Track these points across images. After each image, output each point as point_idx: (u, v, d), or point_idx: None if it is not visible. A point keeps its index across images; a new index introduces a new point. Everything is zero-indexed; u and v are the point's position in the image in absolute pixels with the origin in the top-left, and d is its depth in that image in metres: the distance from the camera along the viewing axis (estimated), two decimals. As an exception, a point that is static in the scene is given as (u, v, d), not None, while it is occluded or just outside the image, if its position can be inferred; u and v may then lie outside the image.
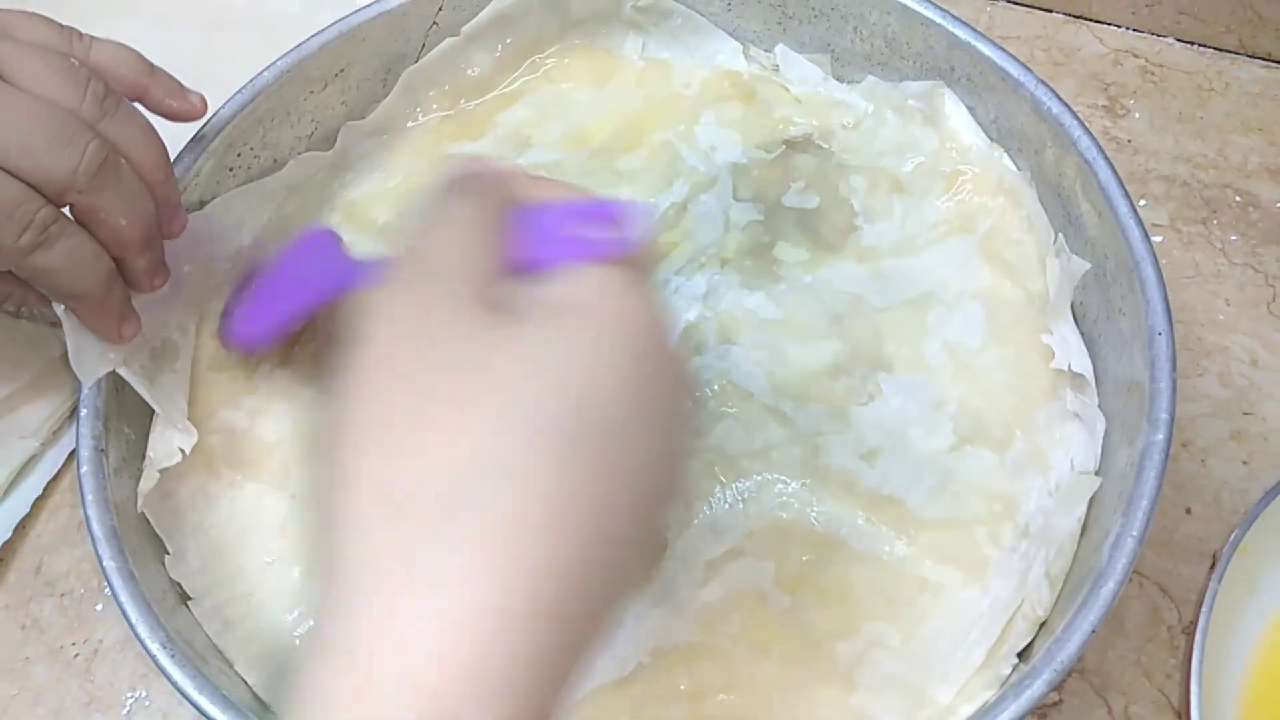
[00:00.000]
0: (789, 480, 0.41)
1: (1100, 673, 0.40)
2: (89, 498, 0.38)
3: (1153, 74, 0.55)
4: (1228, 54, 0.55)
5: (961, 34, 0.45)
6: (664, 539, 0.39)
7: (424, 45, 0.50)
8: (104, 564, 0.37)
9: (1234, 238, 0.50)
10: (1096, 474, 0.39)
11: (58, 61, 0.35)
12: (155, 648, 0.35)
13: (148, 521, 0.40)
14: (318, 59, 0.48)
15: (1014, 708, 0.32)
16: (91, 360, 0.39)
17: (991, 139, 0.46)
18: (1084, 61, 0.56)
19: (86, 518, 0.38)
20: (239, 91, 0.46)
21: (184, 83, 0.40)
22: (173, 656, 0.35)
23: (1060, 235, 0.43)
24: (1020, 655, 0.37)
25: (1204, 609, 0.38)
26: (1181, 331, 0.36)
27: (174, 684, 0.35)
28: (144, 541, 0.39)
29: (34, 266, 0.35)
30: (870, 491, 0.40)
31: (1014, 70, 0.44)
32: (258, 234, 0.47)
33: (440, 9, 0.50)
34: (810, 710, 0.36)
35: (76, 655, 0.44)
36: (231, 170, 0.47)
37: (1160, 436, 0.35)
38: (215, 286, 0.46)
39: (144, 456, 0.41)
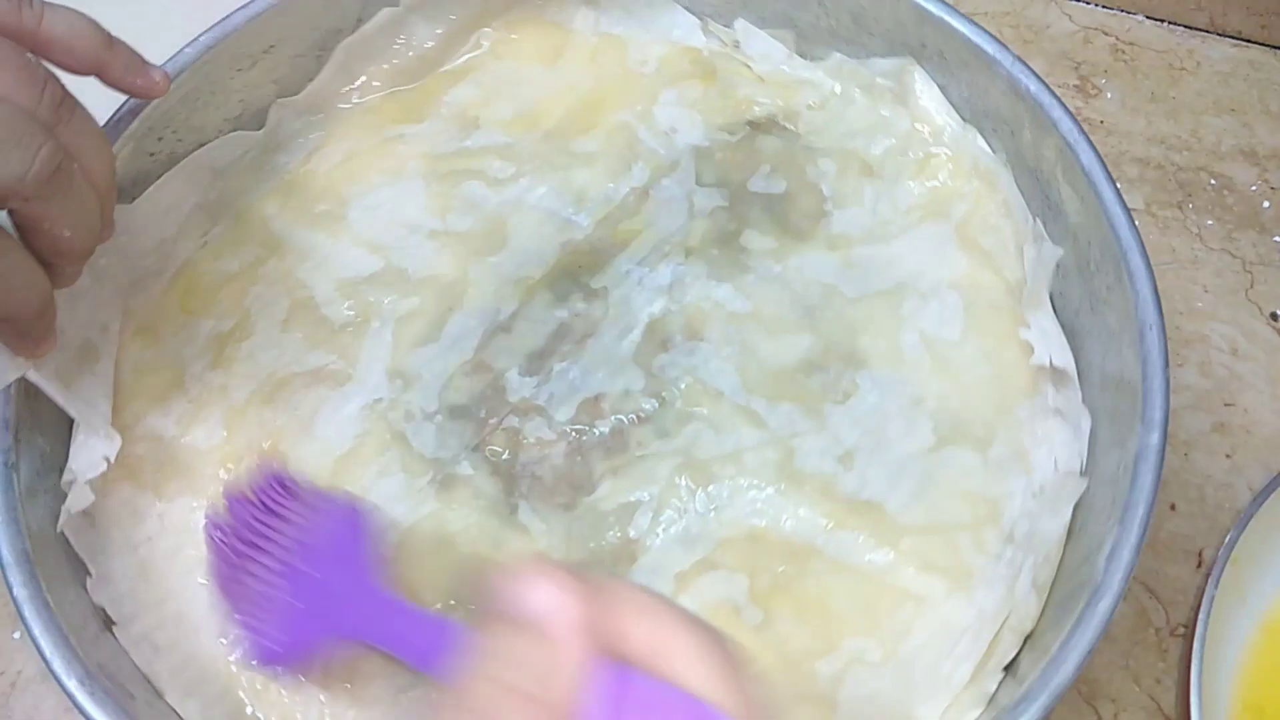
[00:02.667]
0: (763, 485, 0.38)
1: (1088, 680, 0.39)
2: None
3: (1124, 52, 0.53)
4: (1198, 32, 0.54)
5: (933, 8, 0.43)
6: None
7: (360, 18, 0.47)
8: (14, 592, 0.34)
9: (1210, 222, 0.49)
10: (1082, 474, 0.37)
11: (14, 56, 0.31)
12: (72, 684, 0.32)
13: (67, 541, 0.37)
14: (245, 34, 0.44)
15: (1010, 733, 0.30)
16: None
17: (965, 120, 0.44)
18: (1054, 39, 0.54)
19: None
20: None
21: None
22: (92, 694, 0.32)
23: (1039, 220, 0.41)
24: (1006, 668, 0.35)
25: (1201, 615, 0.37)
26: (1160, 321, 0.35)
27: (95, 725, 0.32)
28: (62, 564, 0.36)
29: None
30: (848, 496, 0.38)
31: (989, 47, 0.42)
32: (182, 223, 0.44)
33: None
34: (790, 732, 0.34)
35: (-7, 688, 0.40)
36: (152, 155, 0.43)
37: (1155, 438, 0.33)
38: (137, 281, 0.42)
39: (61, 470, 0.38)
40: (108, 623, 0.37)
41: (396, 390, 0.41)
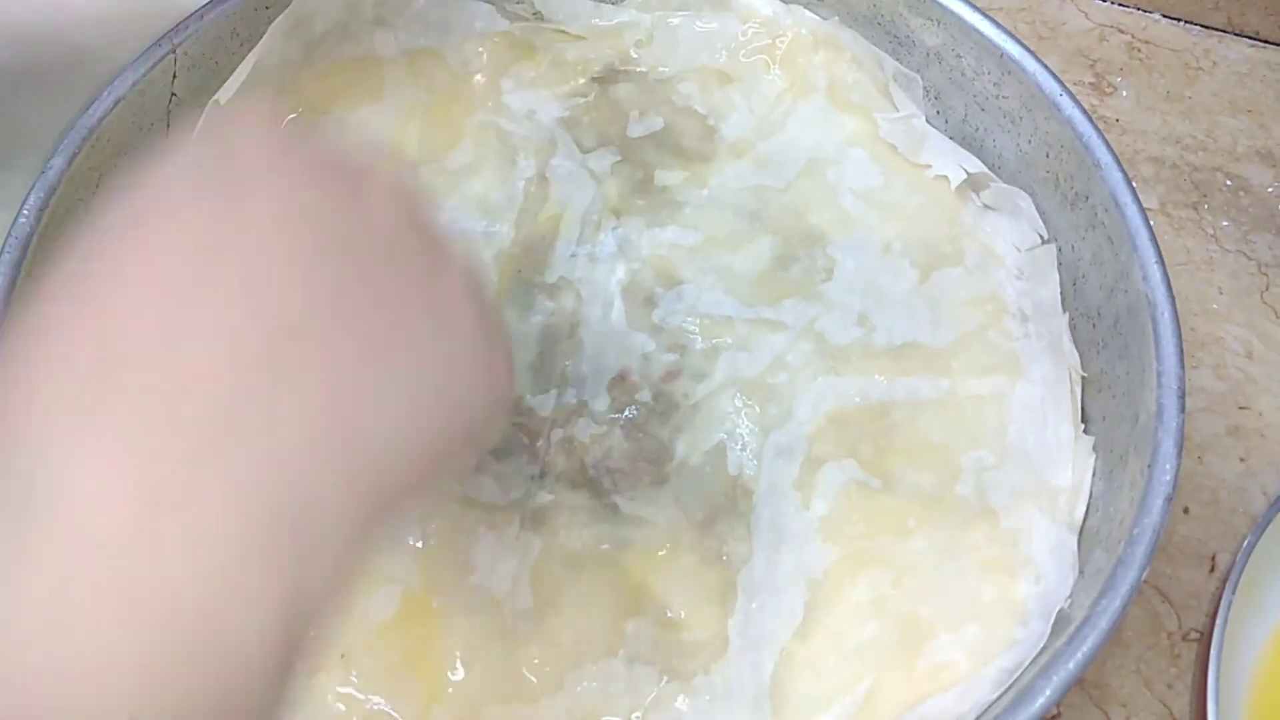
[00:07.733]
0: (814, 373, 0.40)
1: (1099, 684, 0.39)
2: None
3: (1139, 51, 0.53)
4: (1215, 32, 0.54)
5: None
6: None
7: (169, 123, 0.43)
8: None
9: (1225, 223, 0.48)
10: (1045, 241, 0.42)
11: None
12: None
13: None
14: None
15: None
16: None
17: (785, 1, 0.47)
18: (1070, 36, 0.54)
19: None
20: None
21: None
22: None
23: (894, 60, 0.46)
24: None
25: (1218, 622, 0.36)
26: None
27: None
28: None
29: None
30: (887, 348, 0.41)
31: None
32: None
33: (175, 77, 0.42)
34: (975, 554, 0.37)
35: None
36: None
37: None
38: None
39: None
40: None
41: (432, 460, 0.39)
